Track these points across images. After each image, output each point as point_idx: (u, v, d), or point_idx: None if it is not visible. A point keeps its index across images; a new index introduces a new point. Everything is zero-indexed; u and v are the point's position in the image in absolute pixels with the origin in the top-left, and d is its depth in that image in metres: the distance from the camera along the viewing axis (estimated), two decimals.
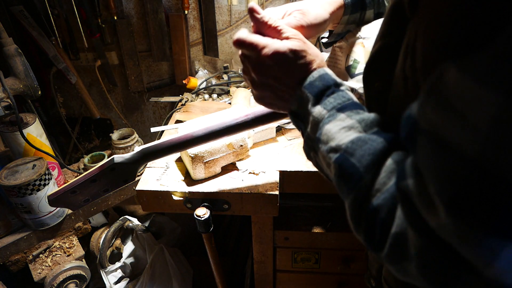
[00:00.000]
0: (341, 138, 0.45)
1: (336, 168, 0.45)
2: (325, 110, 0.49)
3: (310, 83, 0.52)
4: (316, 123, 0.49)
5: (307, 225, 1.11)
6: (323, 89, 0.51)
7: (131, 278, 1.44)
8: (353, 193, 0.43)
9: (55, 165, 1.23)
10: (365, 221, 0.41)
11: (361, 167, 0.42)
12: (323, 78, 0.52)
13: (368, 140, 0.43)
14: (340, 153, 0.45)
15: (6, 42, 1.04)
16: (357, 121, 0.46)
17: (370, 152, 0.42)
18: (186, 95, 1.48)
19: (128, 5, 1.59)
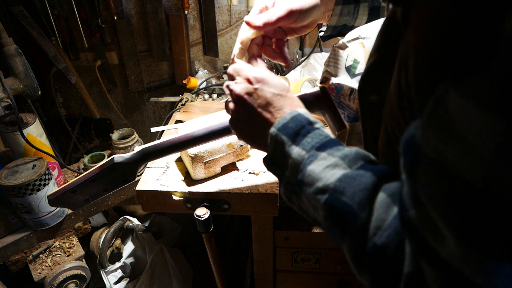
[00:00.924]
0: (327, 178, 0.43)
1: (326, 209, 0.42)
2: (304, 151, 0.47)
3: (283, 126, 0.50)
4: (296, 165, 0.47)
5: (307, 225, 1.11)
6: (298, 129, 0.49)
7: (131, 278, 1.44)
8: (349, 234, 0.40)
9: (55, 165, 1.23)
10: (370, 264, 0.38)
11: (354, 204, 0.40)
12: (296, 118, 0.50)
13: (356, 176, 0.41)
14: (329, 193, 0.42)
15: (6, 42, 1.04)
16: (340, 158, 0.44)
17: (361, 188, 0.40)
18: (186, 95, 1.48)
19: (128, 5, 1.59)
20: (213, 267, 1.05)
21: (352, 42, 0.76)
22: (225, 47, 1.67)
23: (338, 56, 0.82)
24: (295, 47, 1.62)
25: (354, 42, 0.76)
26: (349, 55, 0.78)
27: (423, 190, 0.30)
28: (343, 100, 0.81)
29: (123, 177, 0.77)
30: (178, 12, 1.57)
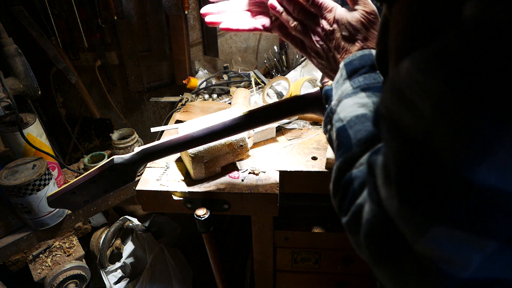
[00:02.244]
0: (349, 111, 0.48)
1: (335, 136, 0.48)
2: (351, 87, 0.51)
3: (350, 61, 0.54)
4: (340, 97, 0.52)
5: (307, 225, 1.11)
6: (358, 67, 0.52)
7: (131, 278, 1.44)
8: (340, 160, 0.46)
9: (55, 165, 1.23)
10: (342, 188, 0.44)
11: (354, 139, 0.45)
12: (363, 57, 0.53)
13: (371, 119, 0.45)
14: (343, 123, 0.47)
15: (6, 42, 1.04)
16: (373, 102, 0.47)
17: (368, 129, 0.44)
18: (186, 95, 1.48)
19: (128, 5, 1.59)
20: (213, 267, 1.05)
21: None
22: (225, 47, 1.67)
23: None
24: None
25: None
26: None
27: (383, 142, 0.34)
28: None
29: (122, 178, 0.77)
30: (178, 12, 1.57)
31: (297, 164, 0.99)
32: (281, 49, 1.57)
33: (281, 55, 1.54)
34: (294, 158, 1.02)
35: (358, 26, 0.56)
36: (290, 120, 1.17)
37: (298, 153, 1.04)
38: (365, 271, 1.16)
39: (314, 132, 1.13)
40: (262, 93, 1.29)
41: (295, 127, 1.16)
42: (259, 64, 1.67)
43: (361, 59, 0.53)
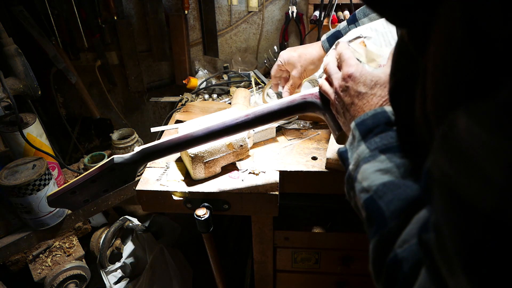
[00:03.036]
0: (373, 179, 0.43)
1: (363, 209, 0.44)
2: (368, 150, 0.47)
3: (361, 121, 0.51)
4: (358, 161, 0.48)
5: (307, 225, 1.11)
6: (372, 127, 0.49)
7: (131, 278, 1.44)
8: (375, 239, 0.40)
9: (55, 165, 1.23)
10: (387, 273, 0.37)
11: (388, 211, 0.40)
12: (376, 116, 0.50)
13: (402, 185, 0.41)
14: (370, 194, 0.43)
15: (6, 42, 1.04)
16: (396, 165, 0.43)
17: (400, 197, 0.39)
18: (186, 95, 1.48)
19: (128, 5, 1.59)
20: (213, 267, 1.05)
21: (353, 41, 0.76)
22: (225, 47, 1.67)
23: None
24: None
25: (355, 41, 0.75)
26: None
27: (437, 216, 0.28)
28: None
29: (122, 177, 0.77)
30: (178, 12, 1.57)
31: (297, 164, 0.99)
32: (281, 49, 1.57)
33: None
34: (294, 158, 1.02)
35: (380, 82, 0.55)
36: (290, 120, 1.17)
37: (298, 153, 1.04)
38: (365, 271, 1.16)
39: (314, 132, 1.13)
40: (262, 93, 1.29)
41: (295, 127, 1.16)
42: (259, 64, 1.67)
43: (374, 118, 0.50)
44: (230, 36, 1.64)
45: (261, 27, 1.60)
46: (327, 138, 1.10)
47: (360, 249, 1.11)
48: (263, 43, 1.65)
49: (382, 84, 0.55)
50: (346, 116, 0.59)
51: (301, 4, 1.52)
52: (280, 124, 1.15)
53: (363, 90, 0.56)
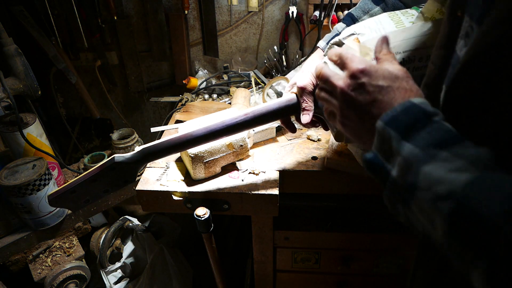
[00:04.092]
0: (451, 180, 0.35)
1: (449, 222, 0.34)
2: (418, 149, 0.39)
3: (393, 118, 0.43)
4: (408, 165, 0.40)
5: (307, 225, 1.11)
6: (411, 123, 0.42)
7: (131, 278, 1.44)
8: (487, 256, 0.31)
9: (55, 165, 1.23)
10: None
11: (494, 215, 0.31)
12: (409, 110, 0.43)
13: (495, 179, 0.33)
14: (456, 200, 0.34)
15: (6, 42, 1.04)
16: (470, 161, 0.36)
17: (504, 194, 0.31)
18: (186, 95, 1.48)
19: (128, 5, 1.59)
20: (213, 267, 1.05)
21: (347, 38, 0.75)
22: (225, 47, 1.67)
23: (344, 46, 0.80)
24: (295, 47, 1.62)
25: (349, 38, 0.75)
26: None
27: None
28: None
29: (123, 177, 0.77)
30: (178, 12, 1.57)
31: (297, 164, 0.99)
32: (281, 49, 1.57)
33: (281, 55, 1.54)
34: (294, 158, 1.02)
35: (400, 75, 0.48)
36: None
37: (298, 153, 1.04)
38: (365, 271, 1.16)
39: (314, 132, 1.13)
40: (262, 93, 1.29)
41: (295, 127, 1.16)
42: (259, 64, 1.67)
43: (407, 112, 0.43)
44: (230, 36, 1.64)
45: (261, 27, 1.60)
46: (327, 138, 1.10)
47: (360, 249, 1.11)
48: (263, 43, 1.65)
49: (403, 76, 0.48)
50: (363, 117, 0.49)
51: (301, 4, 1.52)
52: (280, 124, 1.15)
53: (385, 84, 0.47)
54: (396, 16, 0.75)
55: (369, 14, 0.91)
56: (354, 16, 0.93)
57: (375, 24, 0.74)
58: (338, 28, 0.93)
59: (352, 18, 0.93)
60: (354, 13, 0.93)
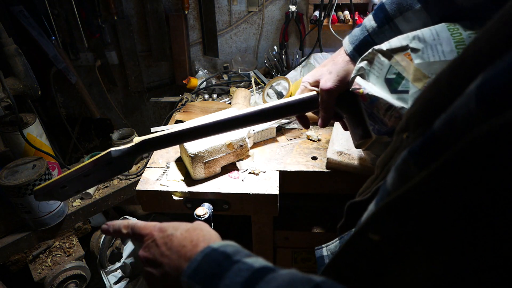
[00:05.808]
0: None
1: None
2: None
3: (194, 270, 0.41)
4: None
5: (307, 225, 1.11)
6: (213, 271, 0.39)
7: (131, 278, 1.44)
8: None
9: (55, 165, 1.23)
10: None
11: None
12: (209, 257, 0.41)
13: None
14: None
15: (6, 42, 1.04)
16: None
17: None
18: (186, 95, 1.48)
19: (128, 5, 1.59)
20: None
21: (398, 53, 0.64)
22: (225, 47, 1.67)
23: (377, 61, 0.69)
24: (295, 47, 1.62)
25: (400, 53, 0.64)
26: (393, 66, 0.66)
27: None
28: (376, 113, 0.69)
29: (118, 168, 0.75)
30: (178, 12, 1.57)
31: (297, 164, 0.99)
32: (281, 49, 1.57)
33: (281, 55, 1.54)
34: (294, 158, 1.02)
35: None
36: (290, 120, 1.17)
37: (298, 153, 1.04)
38: None
39: (314, 132, 1.13)
40: (262, 93, 1.29)
41: (295, 127, 1.16)
42: (259, 64, 1.67)
43: (207, 259, 0.42)
44: (230, 36, 1.64)
45: (261, 27, 1.61)
46: (327, 138, 1.10)
47: None
48: (263, 43, 1.65)
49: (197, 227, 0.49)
50: (164, 274, 0.46)
51: (301, 4, 1.52)
52: (280, 124, 1.15)
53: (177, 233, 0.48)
54: (457, 32, 0.60)
55: (403, 17, 0.69)
56: (388, 12, 0.71)
57: (431, 37, 0.61)
58: (367, 24, 0.74)
59: (386, 15, 0.71)
60: (388, 8, 0.71)
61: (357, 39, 0.74)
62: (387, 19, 0.70)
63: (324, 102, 0.73)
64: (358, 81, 0.71)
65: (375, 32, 0.72)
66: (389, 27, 0.71)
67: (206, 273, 0.40)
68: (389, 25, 0.70)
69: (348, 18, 1.44)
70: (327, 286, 0.33)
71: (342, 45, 0.78)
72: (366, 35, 0.73)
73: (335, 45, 1.61)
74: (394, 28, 0.70)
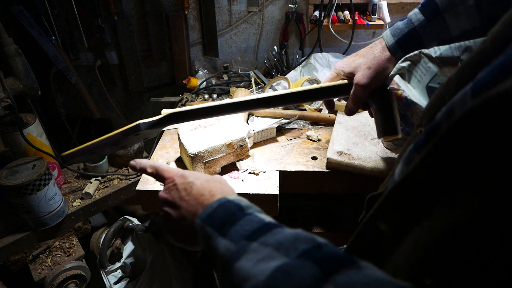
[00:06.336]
0: (257, 275, 0.33)
1: None
2: (233, 244, 0.38)
3: (208, 215, 0.44)
4: (226, 263, 0.38)
5: (307, 225, 1.11)
6: (226, 218, 0.42)
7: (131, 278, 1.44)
8: None
9: (55, 165, 1.23)
10: None
11: None
12: (225, 206, 0.44)
13: (291, 269, 0.32)
14: None
15: (6, 42, 1.04)
16: (274, 247, 0.35)
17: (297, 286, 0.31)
18: (186, 95, 1.48)
19: (128, 5, 1.59)
20: None
21: (449, 66, 0.61)
22: (225, 47, 1.67)
23: (422, 65, 0.66)
24: (295, 47, 1.62)
25: (450, 67, 0.61)
26: (438, 75, 0.63)
27: None
28: (410, 116, 0.68)
29: (143, 137, 0.79)
30: (178, 12, 1.57)
31: (297, 164, 0.99)
32: (281, 49, 1.57)
33: (281, 55, 1.54)
34: (294, 158, 1.02)
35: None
36: (290, 120, 1.17)
37: (298, 153, 1.04)
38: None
39: (314, 132, 1.13)
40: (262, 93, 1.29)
41: (295, 127, 1.16)
42: (259, 64, 1.67)
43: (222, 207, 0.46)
44: (230, 36, 1.64)
45: (261, 27, 1.61)
46: (327, 138, 1.10)
47: None
48: (263, 43, 1.65)
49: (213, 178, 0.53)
50: (180, 216, 0.50)
51: (301, 4, 1.52)
52: (280, 124, 1.15)
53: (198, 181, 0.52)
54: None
55: (453, 12, 0.65)
56: (437, 5, 0.66)
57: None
58: (413, 18, 0.69)
59: (435, 8, 0.66)
60: (438, 1, 0.66)
61: (401, 32, 0.70)
62: (436, 12, 0.66)
63: (357, 96, 0.74)
64: (398, 81, 0.69)
65: (422, 25, 0.68)
66: (437, 21, 0.66)
67: (219, 219, 0.42)
68: (437, 20, 0.66)
69: (348, 18, 1.44)
70: (328, 249, 0.34)
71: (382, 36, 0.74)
72: (412, 28, 0.69)
73: (335, 45, 1.61)
74: (442, 24, 0.66)
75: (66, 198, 1.22)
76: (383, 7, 1.43)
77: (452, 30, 0.65)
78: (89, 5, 1.53)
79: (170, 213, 0.52)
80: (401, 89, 0.67)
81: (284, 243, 0.36)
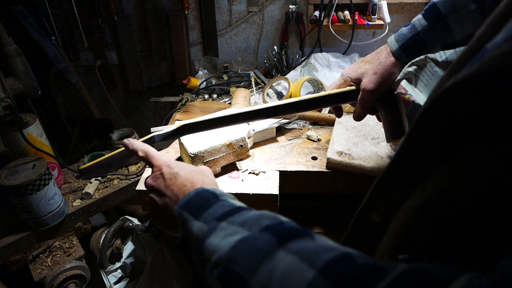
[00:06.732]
0: (222, 247, 0.37)
1: (222, 286, 0.36)
2: (205, 224, 0.42)
3: (186, 202, 0.48)
4: (198, 242, 0.42)
5: (307, 225, 1.11)
6: (201, 204, 0.46)
7: (131, 278, 1.44)
8: None
9: (55, 165, 1.23)
10: None
11: (245, 272, 0.33)
12: (201, 194, 0.48)
13: (251, 239, 0.36)
14: (222, 265, 0.36)
15: (6, 42, 1.04)
16: (239, 224, 0.39)
17: (253, 252, 0.34)
18: (186, 95, 1.48)
19: (128, 5, 1.59)
20: None
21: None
22: (225, 47, 1.67)
23: (429, 70, 0.66)
24: (295, 47, 1.62)
25: None
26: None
27: None
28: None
29: (157, 148, 0.80)
30: (178, 12, 1.57)
31: (297, 164, 0.99)
32: (281, 49, 1.57)
33: (281, 55, 1.54)
34: (294, 158, 1.02)
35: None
36: (290, 120, 1.17)
37: (298, 153, 1.04)
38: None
39: (314, 132, 1.13)
40: (262, 93, 1.29)
41: (295, 127, 1.16)
42: (259, 64, 1.67)
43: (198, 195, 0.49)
44: (230, 36, 1.64)
45: (261, 27, 1.61)
46: (327, 138, 1.10)
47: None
48: (263, 43, 1.65)
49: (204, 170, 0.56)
50: (162, 203, 0.54)
51: (301, 4, 1.52)
52: (280, 124, 1.15)
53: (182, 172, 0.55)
54: None
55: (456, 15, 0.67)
56: (440, 10, 0.68)
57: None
58: (416, 23, 0.71)
59: (438, 14, 0.68)
60: (440, 6, 0.68)
61: (405, 37, 0.72)
62: (439, 17, 0.68)
63: (364, 101, 0.76)
64: (404, 85, 0.70)
65: (425, 30, 0.70)
66: (440, 26, 0.68)
67: (195, 205, 0.47)
68: (440, 24, 0.68)
69: (348, 18, 1.44)
70: (290, 225, 0.37)
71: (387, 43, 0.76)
72: (415, 33, 0.71)
73: (335, 45, 1.61)
74: (445, 28, 0.68)
75: (66, 198, 1.22)
76: (383, 7, 1.43)
77: (455, 34, 0.67)
78: (89, 5, 1.53)
79: (156, 200, 0.55)
80: (409, 93, 0.68)
81: (249, 220, 0.39)
